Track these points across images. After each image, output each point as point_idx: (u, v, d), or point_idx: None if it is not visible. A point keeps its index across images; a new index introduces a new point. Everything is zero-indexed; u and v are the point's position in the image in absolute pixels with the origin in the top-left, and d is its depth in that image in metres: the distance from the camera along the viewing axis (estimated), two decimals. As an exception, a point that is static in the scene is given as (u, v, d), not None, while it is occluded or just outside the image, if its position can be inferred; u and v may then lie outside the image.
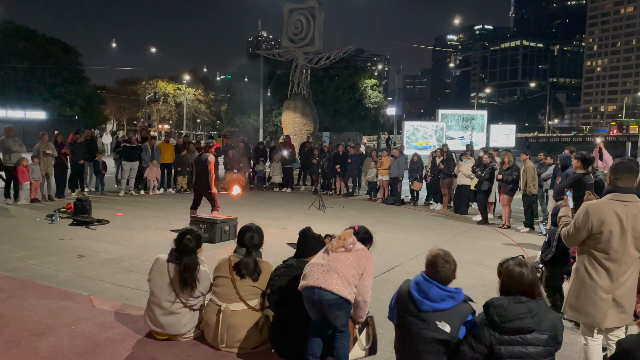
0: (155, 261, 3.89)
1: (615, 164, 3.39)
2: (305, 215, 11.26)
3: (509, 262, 2.82)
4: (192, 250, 3.71)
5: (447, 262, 2.98)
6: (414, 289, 2.96)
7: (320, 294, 3.24)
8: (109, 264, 6.67)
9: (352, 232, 3.58)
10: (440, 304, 2.84)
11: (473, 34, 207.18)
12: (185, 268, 3.65)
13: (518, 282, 2.72)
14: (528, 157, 10.38)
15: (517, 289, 2.72)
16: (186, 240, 3.72)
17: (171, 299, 3.69)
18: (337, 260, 3.34)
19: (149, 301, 3.90)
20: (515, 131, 37.85)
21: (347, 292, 3.29)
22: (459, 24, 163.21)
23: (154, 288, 3.78)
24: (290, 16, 21.61)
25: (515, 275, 2.73)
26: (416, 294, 2.93)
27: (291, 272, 3.53)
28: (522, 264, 2.78)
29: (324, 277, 3.26)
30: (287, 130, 21.34)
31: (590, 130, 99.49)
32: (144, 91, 56.56)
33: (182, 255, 3.70)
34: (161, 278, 3.74)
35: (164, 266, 3.77)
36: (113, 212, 10.46)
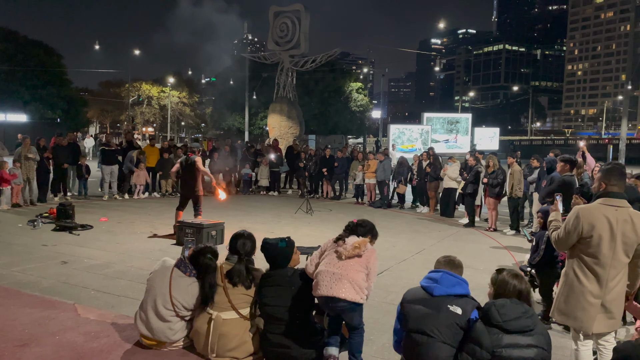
0: (161, 262, 3.82)
1: (607, 169, 3.40)
2: (292, 219, 11.20)
3: (503, 274, 2.86)
4: (214, 269, 3.67)
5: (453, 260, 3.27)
6: (424, 282, 3.11)
7: (334, 302, 3.35)
8: (94, 270, 6.54)
9: (367, 241, 3.58)
10: (452, 289, 2.97)
11: (457, 37, 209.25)
12: (210, 287, 3.59)
13: (511, 292, 2.80)
14: (514, 160, 10.46)
15: (509, 297, 2.77)
16: (208, 260, 3.68)
17: (167, 305, 3.62)
18: (348, 268, 3.40)
19: (143, 302, 3.81)
20: (499, 134, 38.27)
21: (360, 297, 3.40)
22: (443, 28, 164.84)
23: (152, 289, 3.71)
24: (275, 19, 21.57)
25: (509, 286, 2.82)
26: (426, 284, 3.08)
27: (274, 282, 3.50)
28: (516, 275, 2.84)
29: (337, 285, 3.33)
30: (272, 133, 21.27)
31: (572, 133, 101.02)
32: (127, 94, 55.96)
33: (204, 274, 3.65)
34: (162, 281, 3.68)
35: (168, 270, 3.71)
36: (97, 217, 10.29)
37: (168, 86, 59.32)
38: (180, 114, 64.48)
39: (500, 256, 8.19)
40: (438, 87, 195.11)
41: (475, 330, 2.73)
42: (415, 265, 7.37)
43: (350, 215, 12.07)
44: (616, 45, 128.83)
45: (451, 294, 2.95)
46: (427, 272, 6.98)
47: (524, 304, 2.73)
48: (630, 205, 3.33)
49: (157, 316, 3.67)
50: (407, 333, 3.01)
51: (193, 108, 65.85)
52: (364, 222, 3.75)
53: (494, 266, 7.46)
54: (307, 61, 21.88)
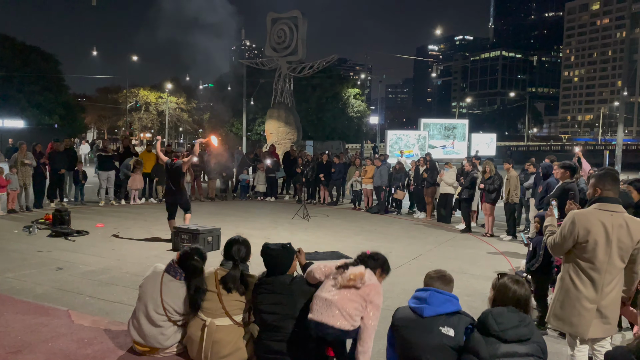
0: (152, 268, 3.80)
1: (601, 174, 3.41)
2: (289, 224, 11.18)
3: (504, 279, 2.83)
4: (201, 270, 3.63)
5: (444, 275, 3.13)
6: (412, 302, 2.98)
7: (323, 328, 3.22)
8: (89, 276, 6.51)
9: (366, 272, 3.35)
10: (441, 308, 2.87)
11: (454, 44, 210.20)
12: (197, 290, 3.56)
13: (511, 297, 2.77)
14: (511, 165, 10.48)
15: (508, 303, 2.75)
16: (194, 262, 3.63)
17: (158, 310, 3.60)
18: (342, 296, 3.25)
19: (135, 309, 3.79)
20: (496, 140, 38.35)
21: (350, 325, 3.22)
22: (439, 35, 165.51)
23: (143, 295, 3.69)
24: (273, 25, 21.66)
25: (509, 291, 2.78)
26: (415, 304, 2.96)
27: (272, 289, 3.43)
28: (518, 281, 2.81)
29: (327, 312, 3.21)
30: (270, 138, 21.29)
31: (569, 139, 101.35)
32: (125, 99, 55.96)
33: (190, 277, 3.61)
34: (153, 287, 3.65)
35: (159, 275, 3.68)
36: (93, 223, 10.25)
37: (166, 92, 59.34)
38: (178, 120, 64.45)
39: (496, 262, 8.18)
40: (435, 93, 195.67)
41: (472, 340, 2.71)
42: (412, 271, 7.34)
43: (346, 221, 12.06)
44: (612, 51, 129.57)
45: (442, 313, 2.85)
46: (422, 278, 6.98)
47: (520, 312, 2.71)
48: (625, 210, 3.34)
49: (149, 322, 3.65)
50: (398, 347, 3.00)
51: (191, 114, 65.85)
52: (375, 255, 3.54)
53: (491, 272, 7.46)
54: (305, 67, 21.95)
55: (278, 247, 3.53)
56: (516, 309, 2.72)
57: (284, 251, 3.54)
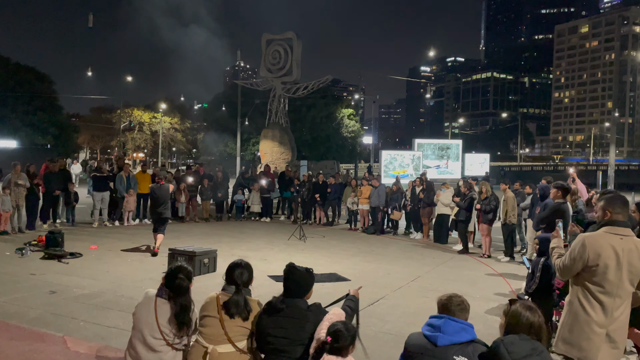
0: (144, 294, 3.72)
1: (610, 197, 3.39)
2: (286, 245, 11.09)
3: (516, 305, 2.76)
4: (186, 289, 3.55)
5: (462, 302, 2.96)
6: (425, 329, 2.88)
7: None
8: (83, 300, 6.38)
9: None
10: (456, 337, 2.77)
11: (445, 65, 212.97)
12: (182, 309, 3.47)
13: (523, 325, 2.68)
14: (507, 186, 10.50)
15: (522, 331, 2.67)
16: (179, 280, 3.55)
17: (155, 335, 3.50)
18: None
19: (131, 338, 3.68)
20: (489, 160, 38.56)
21: None
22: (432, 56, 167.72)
23: (138, 322, 3.59)
24: (268, 47, 21.81)
25: (522, 318, 2.69)
26: (428, 332, 2.85)
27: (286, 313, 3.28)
28: (530, 307, 2.73)
29: None
30: (264, 158, 21.27)
31: (561, 159, 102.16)
32: (119, 119, 55.97)
33: (175, 295, 3.53)
34: (147, 312, 3.55)
35: (151, 300, 3.59)
36: (86, 245, 10.10)
37: (160, 112, 59.45)
38: (172, 140, 64.49)
39: (496, 284, 8.12)
40: (428, 113, 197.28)
41: None
42: (411, 293, 7.27)
43: (343, 241, 11.97)
44: (601, 73, 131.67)
45: (456, 343, 2.75)
46: (423, 301, 6.93)
47: (533, 340, 2.63)
48: (634, 234, 3.32)
49: (146, 348, 3.54)
50: None
51: (184, 134, 65.93)
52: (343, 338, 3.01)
53: (491, 294, 7.41)
54: (299, 88, 22.06)
55: (303, 269, 3.48)
56: (528, 336, 2.65)
57: (308, 275, 3.46)
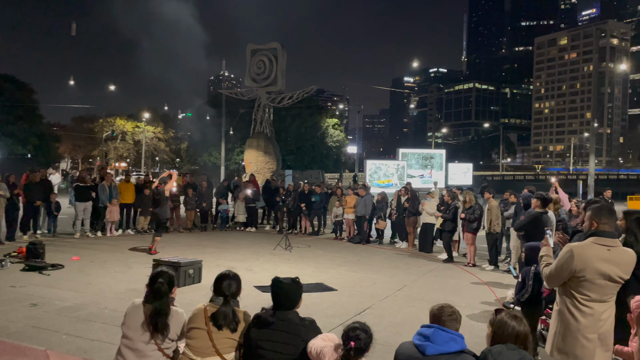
0: (131, 303, 3.67)
1: (597, 208, 3.45)
2: (271, 255, 11.03)
3: (502, 315, 2.79)
4: (164, 293, 3.50)
5: (453, 313, 2.93)
6: (416, 339, 2.88)
7: None
8: (65, 312, 6.25)
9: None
10: (445, 347, 2.77)
11: (428, 76, 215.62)
12: (155, 313, 3.42)
13: (509, 334, 2.71)
14: (491, 195, 10.61)
15: (508, 340, 2.70)
16: (158, 284, 3.51)
17: (145, 339, 3.44)
18: None
19: (119, 348, 3.60)
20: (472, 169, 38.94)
21: None
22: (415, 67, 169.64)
23: (127, 330, 3.52)
24: (253, 57, 21.84)
25: (508, 327, 2.72)
26: (418, 342, 2.85)
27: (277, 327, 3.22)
28: (516, 316, 2.76)
29: None
30: (249, 168, 21.19)
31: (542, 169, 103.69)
32: (101, 129, 55.35)
33: (154, 299, 3.49)
34: (136, 319, 3.50)
35: (140, 307, 3.54)
36: (68, 256, 9.92)
37: (143, 121, 58.94)
38: (155, 149, 63.92)
39: (481, 292, 8.17)
40: (411, 123, 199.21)
41: None
42: (398, 303, 7.27)
43: (329, 251, 11.95)
44: (580, 84, 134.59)
45: (445, 352, 2.76)
46: (409, 310, 6.93)
47: (520, 350, 2.65)
48: (621, 244, 3.38)
49: (136, 354, 3.46)
50: None
51: (168, 143, 65.43)
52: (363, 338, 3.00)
53: (477, 302, 7.45)
54: (284, 98, 22.08)
55: (289, 280, 3.41)
56: (515, 345, 2.67)
57: (295, 285, 3.39)
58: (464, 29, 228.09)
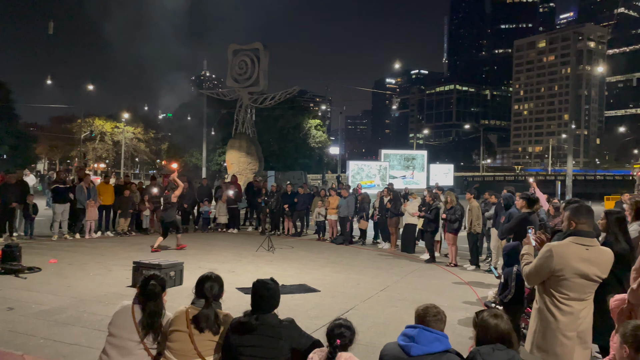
0: (120, 304, 3.62)
1: (575, 208, 3.49)
2: (254, 257, 10.96)
3: (484, 315, 2.81)
4: (158, 295, 3.48)
5: (438, 313, 2.95)
6: (400, 340, 2.89)
7: None
8: (43, 316, 6.12)
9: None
10: (429, 347, 2.78)
11: (410, 78, 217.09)
12: (151, 314, 3.39)
13: (493, 333, 2.73)
14: (472, 196, 10.71)
15: (492, 339, 2.72)
16: (151, 286, 3.49)
17: (133, 337, 3.39)
18: None
19: (104, 348, 3.53)
20: (453, 170, 39.36)
21: None
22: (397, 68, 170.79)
23: (114, 329, 3.47)
24: (234, 57, 21.73)
25: (491, 326, 2.75)
26: (403, 342, 2.87)
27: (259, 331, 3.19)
28: (498, 315, 2.79)
29: None
30: (231, 169, 21.07)
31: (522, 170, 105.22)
32: (79, 129, 54.46)
33: (146, 300, 3.45)
34: (125, 318, 3.46)
35: (128, 308, 3.50)
36: (46, 259, 9.71)
37: (123, 122, 58.17)
38: (135, 150, 63.15)
39: (463, 292, 8.23)
40: (393, 124, 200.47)
41: None
42: (381, 303, 7.29)
43: (312, 252, 11.94)
44: (558, 87, 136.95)
45: (429, 353, 2.78)
46: (392, 310, 6.94)
47: (508, 350, 2.68)
48: (599, 244, 3.44)
49: (121, 353, 3.40)
50: None
51: (148, 144, 64.70)
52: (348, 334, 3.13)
53: (459, 302, 7.50)
54: (266, 98, 22.02)
55: (271, 282, 3.39)
56: (503, 345, 2.69)
57: (277, 286, 3.38)
58: (445, 31, 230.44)
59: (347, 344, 3.03)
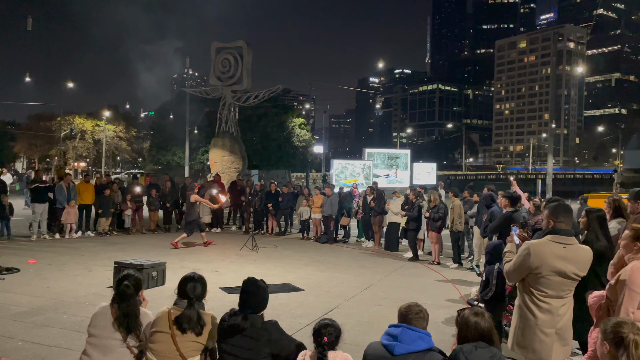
0: (99, 306, 3.56)
1: (554, 207, 3.54)
2: (237, 256, 10.90)
3: (465, 312, 2.84)
4: (130, 296, 3.42)
5: (420, 311, 2.99)
6: (384, 339, 2.90)
7: None
8: (21, 318, 5.99)
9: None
10: (413, 346, 2.80)
11: (393, 77, 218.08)
12: (124, 314, 3.34)
13: (474, 330, 2.76)
14: (453, 194, 10.80)
15: (474, 337, 2.74)
16: (123, 287, 3.42)
17: (115, 336, 3.33)
18: None
19: (85, 346, 3.47)
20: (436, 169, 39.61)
21: None
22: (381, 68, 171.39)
23: (94, 329, 3.40)
24: (217, 55, 21.56)
25: (472, 324, 2.78)
26: (386, 341, 2.88)
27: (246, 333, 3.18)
28: (479, 313, 2.82)
29: None
30: (214, 168, 20.91)
31: (503, 169, 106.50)
32: (59, 127, 53.57)
33: (120, 302, 3.39)
34: (104, 318, 3.40)
35: (107, 309, 3.44)
36: (24, 259, 9.53)
37: (103, 120, 57.36)
38: (116, 149, 62.34)
39: (446, 290, 8.29)
40: (377, 123, 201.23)
41: None
42: (365, 302, 7.31)
43: (296, 251, 11.91)
44: (539, 86, 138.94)
45: (413, 351, 2.80)
46: (376, 309, 6.96)
47: (490, 348, 2.71)
48: (577, 242, 3.48)
49: (102, 352, 3.34)
50: None
51: (130, 142, 63.93)
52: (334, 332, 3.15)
53: (442, 300, 7.55)
54: (250, 97, 21.90)
55: (262, 282, 3.40)
56: (485, 343, 2.72)
57: (267, 287, 3.39)
58: (428, 31, 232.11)
59: (334, 342, 3.06)
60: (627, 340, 2.44)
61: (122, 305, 3.39)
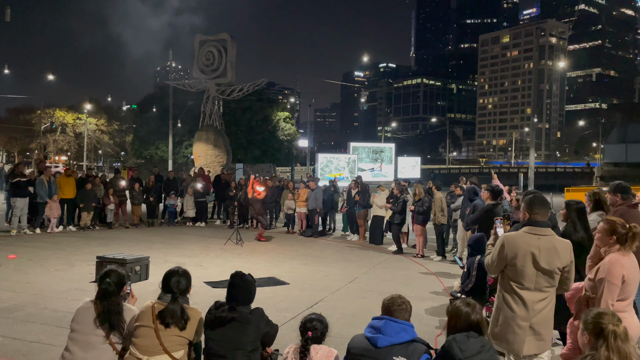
0: (83, 302, 3.51)
1: (530, 199, 3.58)
2: (222, 250, 10.85)
3: (456, 303, 2.87)
4: (112, 293, 3.37)
5: (403, 303, 3.03)
6: (367, 331, 2.92)
7: None
8: (2, 314, 5.89)
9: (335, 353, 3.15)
10: (396, 337, 2.83)
11: (378, 71, 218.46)
12: (106, 311, 3.30)
13: (464, 320, 2.79)
14: (435, 187, 10.91)
15: (463, 327, 2.77)
16: (105, 284, 3.38)
17: (97, 332, 3.29)
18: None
19: (67, 345, 3.42)
20: (420, 163, 39.87)
21: None
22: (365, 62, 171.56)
23: (76, 325, 3.36)
24: (201, 47, 21.37)
25: (462, 314, 2.82)
26: (370, 334, 2.91)
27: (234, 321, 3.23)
28: (469, 303, 2.85)
29: None
30: (198, 161, 20.78)
31: (486, 162, 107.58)
32: (39, 120, 52.67)
33: (102, 299, 3.35)
34: (87, 314, 3.35)
35: (91, 305, 3.40)
36: (4, 254, 9.37)
37: (85, 113, 56.51)
38: (98, 142, 61.55)
39: (429, 282, 8.37)
40: (362, 117, 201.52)
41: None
42: (350, 295, 7.34)
43: (281, 245, 11.91)
44: (521, 81, 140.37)
45: (396, 343, 2.82)
46: (361, 302, 7.00)
47: (481, 337, 2.75)
48: (554, 233, 3.52)
49: (84, 348, 3.29)
50: None
51: (112, 136, 63.15)
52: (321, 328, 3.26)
53: (426, 292, 7.62)
54: (234, 90, 21.77)
55: (250, 277, 3.44)
56: (476, 333, 2.76)
57: (254, 281, 3.44)
58: (412, 26, 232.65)
59: (320, 337, 3.10)
60: (606, 331, 2.49)
61: (104, 303, 3.35)
